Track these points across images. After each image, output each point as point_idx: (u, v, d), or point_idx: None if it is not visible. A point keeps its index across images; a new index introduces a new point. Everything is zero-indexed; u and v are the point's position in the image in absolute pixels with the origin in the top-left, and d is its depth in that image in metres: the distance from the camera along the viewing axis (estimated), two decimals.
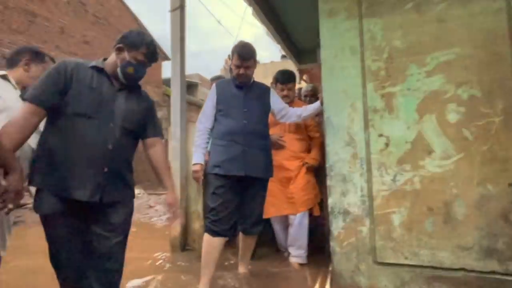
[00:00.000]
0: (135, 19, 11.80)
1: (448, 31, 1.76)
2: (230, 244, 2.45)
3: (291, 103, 2.38)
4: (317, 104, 2.17)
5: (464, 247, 1.65)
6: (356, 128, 1.92)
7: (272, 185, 2.21)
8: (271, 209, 2.28)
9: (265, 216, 2.17)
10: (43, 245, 1.30)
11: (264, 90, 2.08)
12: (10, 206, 1.02)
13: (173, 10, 3.03)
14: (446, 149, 1.72)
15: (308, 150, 2.44)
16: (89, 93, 1.29)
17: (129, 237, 1.44)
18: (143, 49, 1.36)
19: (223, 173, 1.83)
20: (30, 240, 3.87)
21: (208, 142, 1.97)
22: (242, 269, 2.12)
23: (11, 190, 1.02)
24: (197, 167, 1.90)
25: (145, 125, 1.49)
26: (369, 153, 1.89)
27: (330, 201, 1.96)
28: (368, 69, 1.92)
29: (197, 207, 2.89)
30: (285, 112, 2.13)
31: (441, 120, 1.74)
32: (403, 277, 1.76)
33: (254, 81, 2.07)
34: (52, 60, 1.72)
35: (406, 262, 1.76)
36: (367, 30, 1.93)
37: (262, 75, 12.93)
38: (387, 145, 1.85)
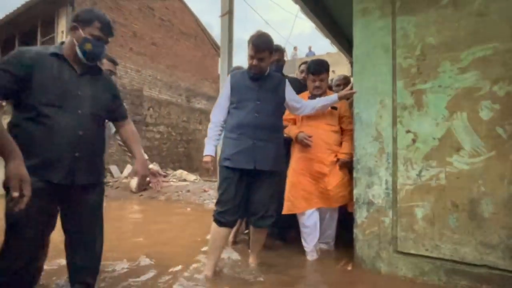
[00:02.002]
0: (195, 19, 12.59)
1: (487, 25, 1.68)
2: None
3: (323, 94, 2.24)
4: (334, 96, 2.08)
5: (488, 244, 1.62)
6: (384, 124, 1.96)
7: (304, 179, 2.18)
8: (303, 203, 2.17)
9: (296, 211, 2.18)
10: (124, 213, 1.62)
11: (279, 82, 1.95)
12: (15, 194, 0.93)
13: (223, 15, 3.31)
14: (476, 146, 1.68)
15: (341, 143, 2.26)
16: (53, 83, 1.28)
17: (184, 217, 1.63)
18: (96, 24, 1.34)
19: (232, 166, 1.80)
20: (111, 210, 4.72)
21: (220, 135, 1.92)
22: (252, 260, 2.05)
23: (14, 178, 0.94)
24: (207, 158, 1.87)
25: (113, 108, 1.50)
26: (395, 148, 1.92)
27: (356, 192, 2.05)
28: (399, 67, 1.93)
29: None
30: (299, 106, 2.02)
31: (472, 117, 1.70)
32: (422, 267, 1.79)
33: (270, 72, 1.96)
34: (112, 61, 1.93)
35: (426, 253, 1.78)
36: (400, 28, 1.93)
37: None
38: (414, 141, 1.86)
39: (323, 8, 4.13)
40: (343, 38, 5.11)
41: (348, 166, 2.20)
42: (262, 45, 1.78)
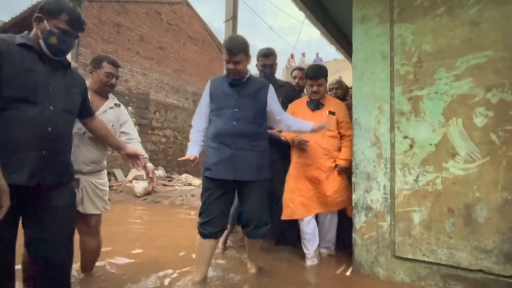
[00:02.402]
0: (203, 24, 12.79)
1: (480, 34, 1.73)
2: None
3: (321, 98, 2.26)
4: (309, 125, 1.96)
5: (483, 249, 1.65)
6: (382, 130, 2.01)
7: (302, 184, 2.18)
8: (301, 209, 2.17)
9: (295, 217, 2.18)
10: (127, 217, 1.69)
11: (261, 87, 1.87)
12: None
13: (227, 20, 3.42)
14: (471, 152, 1.71)
15: (340, 148, 2.24)
16: (23, 75, 1.18)
17: (187, 221, 1.65)
18: (64, 16, 1.23)
19: (212, 177, 1.77)
20: (114, 213, 4.83)
21: (203, 140, 1.88)
22: (251, 266, 2.02)
23: None
24: (190, 157, 1.77)
25: (82, 105, 1.46)
26: (393, 153, 1.96)
27: (354, 196, 2.09)
28: (396, 73, 1.98)
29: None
30: (279, 118, 1.93)
31: (467, 123, 1.73)
32: (419, 272, 1.82)
33: (250, 76, 1.88)
34: (113, 64, 1.88)
35: (423, 258, 1.81)
36: (398, 35, 1.99)
37: None
38: (411, 146, 1.90)
39: (328, 15, 4.19)
40: (348, 45, 5.17)
41: (346, 172, 2.21)
42: (235, 48, 1.73)
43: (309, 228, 2.20)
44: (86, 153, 1.75)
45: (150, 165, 1.76)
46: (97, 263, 2.00)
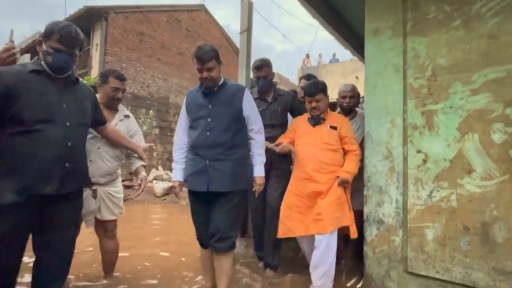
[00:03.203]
0: (220, 29, 12.96)
1: (500, 47, 1.64)
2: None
3: (322, 114, 2.12)
4: (257, 171, 1.83)
5: (502, 270, 1.56)
6: (394, 143, 1.96)
7: (299, 201, 2.03)
8: (300, 227, 1.99)
9: (292, 235, 2.02)
10: (145, 216, 1.79)
11: (235, 92, 1.79)
12: None
13: (242, 32, 3.45)
14: (489, 169, 1.63)
15: (343, 164, 2.07)
16: (39, 98, 1.28)
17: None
18: (55, 36, 1.31)
19: (189, 188, 1.78)
20: (135, 212, 4.97)
21: (185, 156, 1.84)
22: None
23: None
24: (175, 184, 1.82)
25: (95, 115, 1.60)
26: (406, 167, 1.90)
27: (366, 209, 2.05)
28: (410, 87, 1.92)
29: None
30: (251, 127, 1.83)
31: (484, 139, 1.65)
32: None
33: (225, 82, 1.81)
34: (119, 78, 1.96)
35: (437, 276, 1.74)
36: (411, 49, 1.93)
37: (341, 73, 12.45)
38: (425, 161, 1.84)
39: (343, 20, 4.13)
40: (363, 48, 5.05)
41: (347, 186, 2.04)
42: (205, 55, 1.68)
43: (308, 248, 2.05)
44: (103, 166, 1.86)
45: (143, 174, 1.91)
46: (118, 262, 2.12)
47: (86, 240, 2.44)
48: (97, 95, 1.95)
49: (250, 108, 1.80)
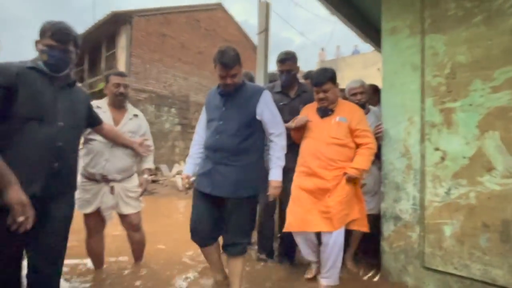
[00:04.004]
0: (238, 27, 12.98)
1: None
2: None
3: (330, 105, 1.93)
4: (274, 175, 1.71)
5: None
6: (412, 141, 1.95)
7: (305, 197, 1.87)
8: (299, 222, 1.87)
9: (291, 230, 1.91)
10: (172, 209, 1.85)
11: (253, 94, 1.69)
12: (21, 219, 0.97)
13: (259, 33, 3.48)
14: (510, 167, 1.59)
15: (352, 159, 1.86)
16: (34, 96, 1.26)
17: None
18: (48, 33, 1.30)
19: (195, 187, 1.74)
20: (161, 205, 5.22)
21: (201, 153, 1.79)
22: None
23: (16, 204, 0.99)
24: (183, 176, 1.79)
25: (89, 118, 1.60)
26: (423, 165, 1.89)
27: (383, 205, 2.06)
28: (427, 85, 1.90)
29: None
30: (271, 131, 1.72)
31: (506, 137, 1.61)
32: (451, 286, 1.75)
33: (243, 84, 1.72)
34: (118, 74, 2.07)
35: (455, 272, 1.74)
36: (429, 47, 1.89)
37: (362, 66, 12.08)
38: (443, 159, 1.82)
39: (360, 14, 4.05)
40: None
41: (355, 182, 1.86)
42: (231, 62, 1.59)
43: (304, 246, 1.97)
44: (117, 164, 1.97)
45: (145, 177, 2.06)
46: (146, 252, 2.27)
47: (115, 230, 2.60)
48: (105, 98, 2.08)
49: (267, 111, 1.69)
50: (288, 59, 2.20)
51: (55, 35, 1.30)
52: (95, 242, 2.04)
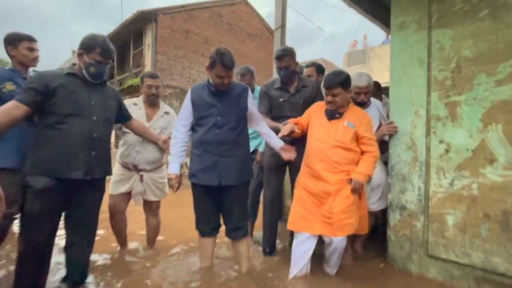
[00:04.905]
0: (261, 20, 13.06)
1: None
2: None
3: (340, 108, 1.92)
4: (279, 144, 1.98)
5: None
6: (418, 134, 2.03)
7: (307, 197, 1.91)
8: (302, 223, 1.90)
9: (291, 228, 1.95)
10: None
11: (241, 91, 1.89)
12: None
13: (276, 29, 3.64)
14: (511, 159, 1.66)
15: (357, 163, 1.88)
16: (72, 96, 1.53)
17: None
18: (98, 50, 1.58)
19: (198, 183, 1.85)
20: (185, 196, 5.61)
21: (184, 150, 1.90)
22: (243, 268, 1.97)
23: None
24: (171, 176, 1.85)
25: (119, 113, 1.83)
26: (428, 157, 1.98)
27: (390, 196, 2.17)
28: (434, 79, 1.97)
29: (288, 187, 3.51)
30: (256, 122, 2.00)
31: (508, 130, 1.67)
32: (452, 272, 1.85)
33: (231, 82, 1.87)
34: (150, 76, 2.31)
35: (457, 259, 1.83)
36: (436, 41, 1.96)
37: (378, 58, 11.66)
38: (447, 151, 1.90)
39: (384, 7, 4.04)
40: None
41: (360, 190, 1.85)
42: (231, 64, 1.74)
43: (300, 248, 1.90)
44: (147, 156, 2.24)
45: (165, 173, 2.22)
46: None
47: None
48: (141, 96, 2.35)
49: (251, 105, 1.93)
50: (285, 55, 2.20)
51: (104, 53, 1.60)
52: (118, 221, 2.31)
